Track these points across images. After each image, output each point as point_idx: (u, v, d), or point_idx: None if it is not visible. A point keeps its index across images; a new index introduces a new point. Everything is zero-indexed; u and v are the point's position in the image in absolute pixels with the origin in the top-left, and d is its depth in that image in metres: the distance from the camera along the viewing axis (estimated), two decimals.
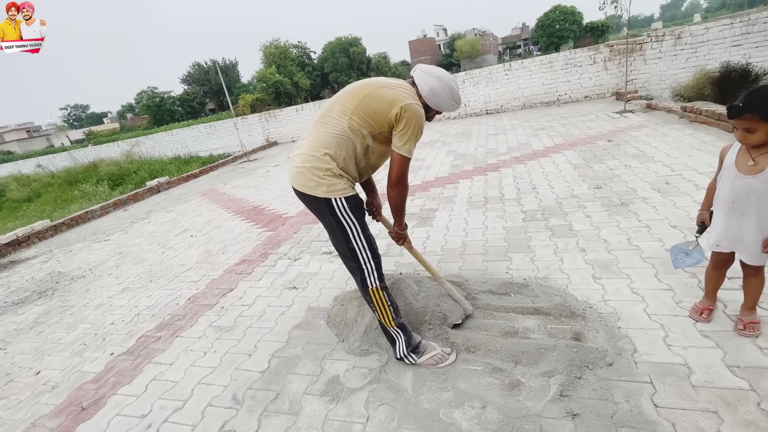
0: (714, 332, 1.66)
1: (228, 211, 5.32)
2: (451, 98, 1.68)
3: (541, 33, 44.60)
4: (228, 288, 2.99)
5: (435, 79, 1.63)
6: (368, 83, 1.64)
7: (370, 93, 1.59)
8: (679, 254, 1.80)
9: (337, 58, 41.17)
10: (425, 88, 1.64)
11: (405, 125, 1.56)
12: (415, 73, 1.69)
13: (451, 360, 1.76)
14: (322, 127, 1.61)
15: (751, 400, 1.34)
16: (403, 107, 1.54)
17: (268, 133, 12.97)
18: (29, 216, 8.62)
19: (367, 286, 1.68)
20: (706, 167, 3.43)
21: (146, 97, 44.04)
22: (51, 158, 16.83)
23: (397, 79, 1.69)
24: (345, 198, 1.58)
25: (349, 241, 1.63)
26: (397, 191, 1.68)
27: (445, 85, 1.64)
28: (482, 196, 3.88)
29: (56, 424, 1.90)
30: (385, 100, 1.56)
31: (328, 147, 1.57)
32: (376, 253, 1.69)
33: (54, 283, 3.92)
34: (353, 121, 1.58)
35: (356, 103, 1.58)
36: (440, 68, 1.70)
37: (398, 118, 1.56)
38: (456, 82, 1.68)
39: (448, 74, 1.68)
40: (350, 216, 1.60)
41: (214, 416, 1.74)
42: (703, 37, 7.54)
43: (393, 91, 1.59)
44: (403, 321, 1.78)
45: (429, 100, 1.66)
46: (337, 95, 1.67)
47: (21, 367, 2.49)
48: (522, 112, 9.23)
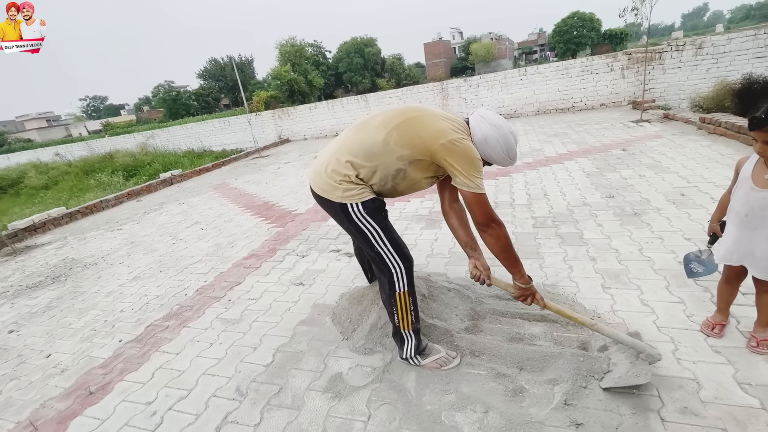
0: (725, 348, 1.62)
1: (238, 206, 5.37)
2: (505, 152, 1.52)
3: (558, 39, 44.14)
4: (236, 281, 3.02)
5: (491, 127, 1.49)
6: (419, 107, 1.54)
7: (419, 117, 1.49)
8: (692, 264, 1.77)
9: (351, 58, 41.37)
10: (478, 134, 1.51)
11: (460, 161, 1.43)
12: (473, 115, 1.57)
13: (455, 363, 1.74)
14: (357, 134, 1.54)
15: (762, 419, 1.31)
16: (449, 142, 1.42)
17: (281, 130, 13.07)
18: (46, 203, 8.82)
19: (395, 290, 1.62)
20: (724, 180, 3.36)
21: (163, 90, 44.82)
22: (69, 147, 17.22)
23: (452, 115, 1.58)
24: (362, 203, 1.52)
25: (372, 246, 1.58)
26: (493, 234, 1.49)
27: (501, 136, 1.50)
28: (492, 200, 3.86)
29: (65, 406, 1.94)
30: (433, 129, 1.45)
31: (355, 155, 1.50)
32: (406, 257, 1.61)
33: (67, 269, 4.00)
34: (391, 136, 1.47)
35: (401, 120, 1.49)
36: (501, 117, 1.56)
37: (445, 153, 1.43)
38: (516, 136, 1.55)
39: (509, 125, 1.54)
40: (368, 220, 1.54)
41: (218, 407, 1.76)
42: (725, 47, 7.39)
43: (443, 123, 1.48)
44: (419, 326, 1.75)
45: (480, 146, 1.51)
46: (383, 109, 1.60)
47: (33, 350, 2.55)
48: (536, 117, 9.15)
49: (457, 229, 1.78)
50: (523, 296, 1.62)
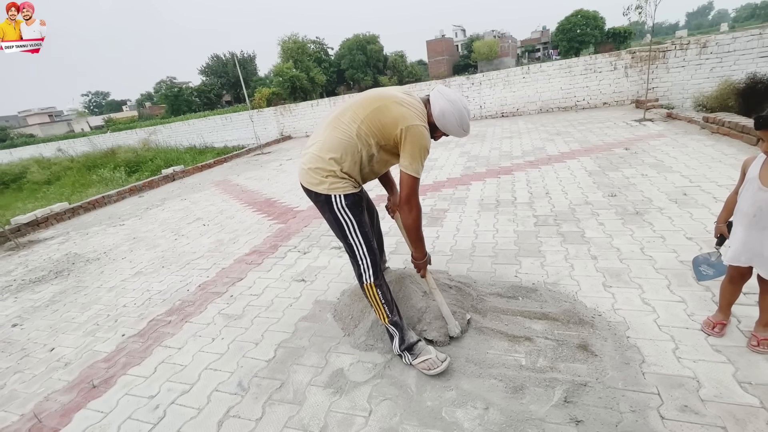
0: (726, 347, 1.63)
1: (240, 202, 5.39)
2: (459, 124, 1.70)
3: (562, 37, 43.93)
4: (238, 277, 3.04)
5: (448, 103, 1.67)
6: (382, 95, 1.69)
7: (382, 106, 1.64)
8: (701, 266, 1.77)
9: (354, 56, 41.23)
10: (437, 109, 1.68)
11: (410, 146, 1.61)
12: (433, 92, 1.73)
13: (441, 368, 1.69)
14: (332, 131, 1.68)
15: (761, 418, 1.31)
16: (406, 128, 1.59)
17: (283, 127, 13.07)
18: (48, 198, 8.85)
19: (363, 282, 1.76)
20: (726, 180, 3.35)
21: (165, 86, 44.77)
22: (71, 143, 17.24)
23: (412, 96, 1.73)
24: (344, 195, 1.67)
25: (346, 237, 1.72)
26: (408, 211, 1.70)
27: (456, 110, 1.67)
28: (494, 198, 3.86)
29: (68, 399, 1.96)
30: (393, 116, 1.62)
31: (335, 151, 1.65)
32: (372, 250, 1.75)
33: (70, 264, 4.02)
34: (361, 129, 1.64)
35: (367, 113, 1.64)
36: (457, 93, 1.74)
37: (402, 137, 1.61)
38: (468, 111, 1.72)
39: (463, 101, 1.71)
40: (347, 212, 1.68)
41: (220, 401, 1.78)
42: (730, 47, 7.35)
43: (402, 109, 1.63)
44: (398, 319, 1.79)
45: (438, 121, 1.70)
46: (351, 101, 1.72)
47: (36, 343, 2.57)
48: (538, 116, 9.13)
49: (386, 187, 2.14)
50: (416, 267, 1.89)
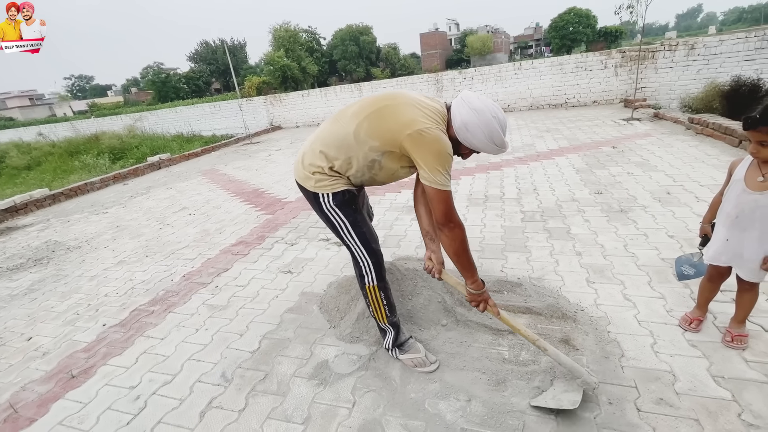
0: (702, 342, 1.67)
1: (227, 192, 5.31)
2: (489, 139, 1.38)
3: (554, 34, 44.15)
4: (223, 268, 3.00)
5: (471, 112, 1.36)
6: (395, 93, 1.46)
7: (390, 105, 1.41)
8: (684, 266, 1.80)
9: (346, 46, 40.79)
10: (458, 120, 1.40)
11: (423, 153, 1.34)
12: (455, 99, 1.45)
13: (430, 369, 1.68)
14: (332, 125, 1.52)
15: (733, 411, 1.36)
16: (415, 132, 1.33)
17: (273, 116, 12.89)
18: (28, 184, 8.59)
19: (364, 283, 1.65)
20: (708, 180, 3.43)
21: (152, 72, 43.70)
22: (53, 127, 16.71)
23: (434, 100, 1.48)
24: (332, 194, 1.52)
25: (341, 237, 1.62)
26: (449, 235, 1.40)
27: (483, 122, 1.35)
28: (483, 194, 3.88)
29: (46, 390, 1.92)
30: (399, 120, 1.37)
31: (327, 146, 1.49)
32: (374, 252, 1.60)
33: (50, 251, 3.92)
34: (361, 127, 1.41)
35: (372, 110, 1.42)
36: (487, 100, 1.39)
37: (411, 144, 1.34)
38: (502, 123, 1.38)
39: (493, 109, 1.37)
40: (336, 212, 1.55)
41: (203, 392, 1.76)
42: (717, 49, 7.48)
43: (412, 110, 1.38)
44: (396, 320, 1.74)
45: (460, 134, 1.41)
46: (365, 97, 1.53)
47: (13, 332, 2.50)
48: (529, 112, 9.18)
49: (423, 217, 1.72)
50: (475, 301, 1.54)
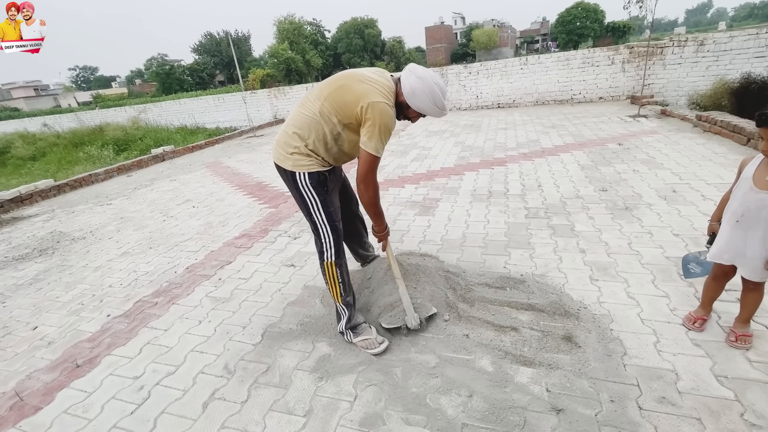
0: (705, 342, 1.66)
1: (231, 185, 5.31)
2: (432, 101, 1.62)
3: (561, 29, 43.61)
4: (226, 260, 3.01)
5: (417, 80, 1.60)
6: (349, 74, 1.67)
7: (345, 84, 1.62)
8: (690, 264, 1.79)
9: (351, 39, 40.49)
10: (407, 87, 1.63)
11: (370, 123, 1.57)
12: (403, 71, 1.67)
13: (379, 349, 1.81)
14: (300, 108, 1.70)
15: (735, 411, 1.35)
16: (367, 105, 1.55)
17: (276, 109, 12.85)
18: (33, 174, 8.63)
19: (323, 260, 1.79)
20: (715, 178, 3.39)
21: (156, 64, 43.61)
22: (57, 118, 16.76)
23: (382, 74, 1.69)
24: (308, 173, 1.68)
25: (309, 214, 1.76)
26: (363, 190, 1.68)
27: (426, 87, 1.60)
28: (486, 189, 3.86)
29: (51, 378, 1.94)
30: (355, 94, 1.58)
31: (300, 127, 1.67)
32: (336, 230, 1.78)
33: (55, 242, 3.94)
34: (324, 107, 1.63)
35: (330, 91, 1.63)
36: (429, 70, 1.65)
37: (363, 114, 1.57)
38: (442, 88, 1.63)
39: (434, 77, 1.62)
40: (311, 190, 1.71)
41: (206, 383, 1.77)
42: (727, 45, 7.37)
43: (365, 86, 1.59)
44: (350, 300, 1.86)
45: (409, 99, 1.64)
46: (321, 82, 1.72)
47: (19, 321, 2.53)
48: (534, 108, 9.11)
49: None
50: (378, 238, 1.90)
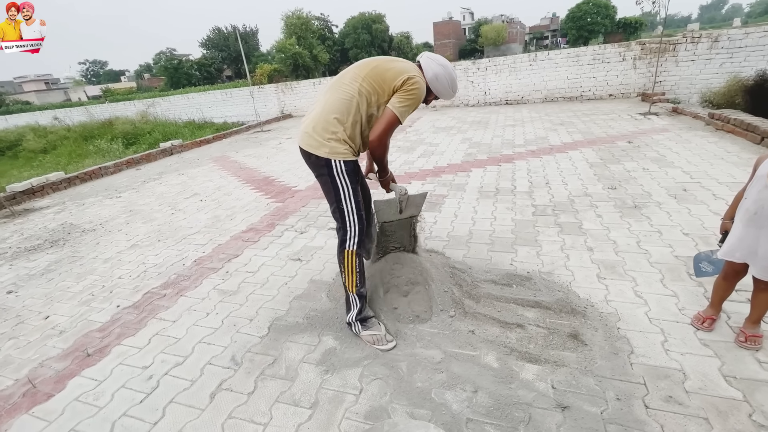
0: (714, 342, 1.65)
1: (238, 179, 5.34)
2: (450, 86, 1.82)
3: (571, 25, 42.95)
4: (234, 254, 3.04)
5: (440, 67, 1.78)
6: (379, 58, 1.80)
7: (381, 64, 1.74)
8: (702, 263, 1.77)
9: (358, 34, 40.26)
10: (430, 73, 1.77)
11: (408, 92, 1.68)
12: (422, 58, 1.82)
13: (388, 347, 1.82)
14: (334, 93, 1.72)
15: (743, 411, 1.34)
16: (407, 77, 1.68)
17: (284, 104, 12.87)
18: (44, 167, 8.75)
19: (345, 248, 1.80)
20: (727, 177, 3.34)
21: (164, 58, 43.77)
22: (68, 112, 16.97)
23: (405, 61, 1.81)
24: (344, 161, 1.71)
25: (340, 201, 1.76)
26: (377, 145, 1.76)
27: (447, 74, 1.79)
28: (494, 186, 3.84)
29: (62, 366, 1.98)
30: (395, 70, 1.71)
31: (339, 112, 1.69)
32: (362, 220, 1.80)
33: (66, 233, 4.01)
34: (363, 87, 1.69)
35: (368, 71, 1.71)
36: (445, 59, 1.82)
37: (404, 84, 1.68)
38: (456, 74, 1.84)
39: (451, 66, 1.83)
40: (345, 178, 1.73)
41: (213, 374, 1.80)
42: (742, 42, 7.22)
43: (403, 64, 1.75)
44: (364, 291, 1.89)
45: (432, 84, 1.79)
46: (350, 67, 1.79)
47: (31, 311, 2.58)
48: (543, 105, 9.02)
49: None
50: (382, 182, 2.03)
